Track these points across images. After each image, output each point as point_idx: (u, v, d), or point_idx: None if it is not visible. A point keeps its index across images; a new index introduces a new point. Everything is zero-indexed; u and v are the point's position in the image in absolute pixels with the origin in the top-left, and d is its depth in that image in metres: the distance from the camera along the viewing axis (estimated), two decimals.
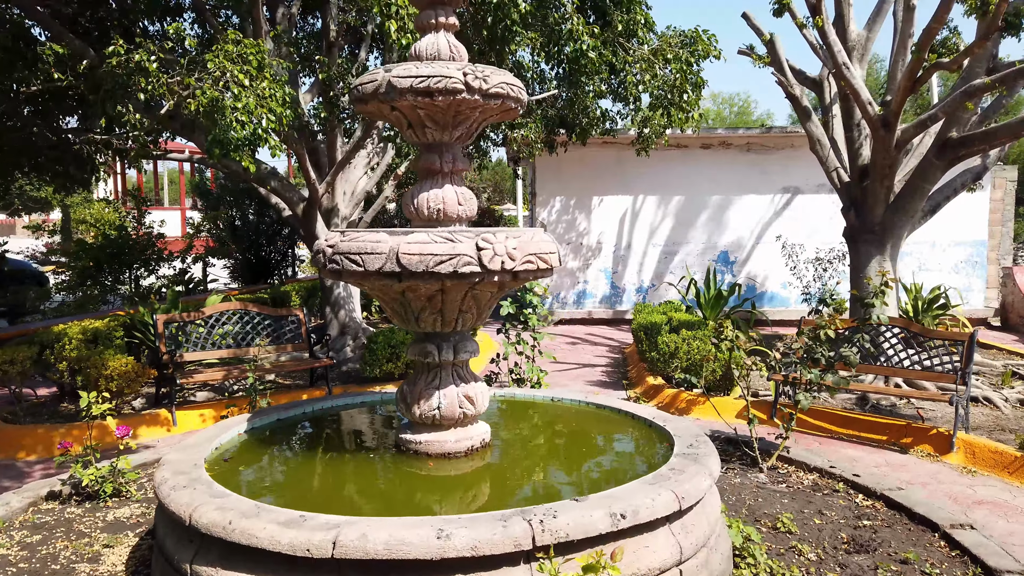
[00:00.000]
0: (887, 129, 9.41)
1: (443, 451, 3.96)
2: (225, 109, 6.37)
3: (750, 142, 15.80)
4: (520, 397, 5.27)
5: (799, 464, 5.67)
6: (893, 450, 7.53)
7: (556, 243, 3.94)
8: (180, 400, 8.69)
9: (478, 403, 4.08)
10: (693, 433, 4.15)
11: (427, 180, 4.00)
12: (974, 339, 7.65)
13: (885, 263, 10.21)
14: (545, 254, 3.75)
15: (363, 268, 3.53)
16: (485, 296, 3.88)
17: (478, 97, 3.70)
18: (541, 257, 3.72)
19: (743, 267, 16.10)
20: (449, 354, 3.99)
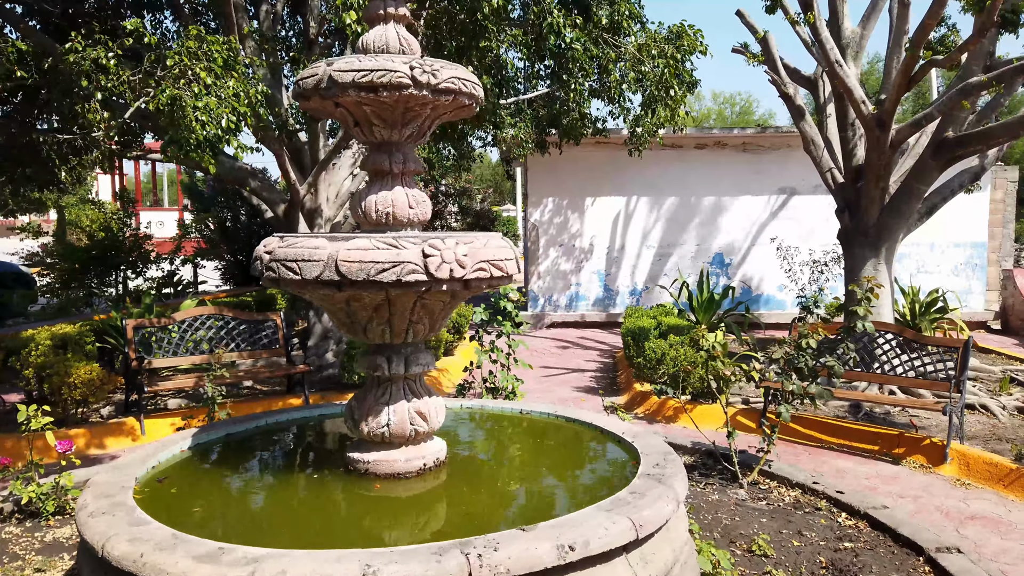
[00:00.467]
0: (881, 128, 9.16)
1: (392, 471, 3.70)
2: (185, 108, 6.13)
3: (746, 142, 15.53)
4: (489, 409, 5.01)
5: (781, 479, 5.41)
6: (885, 461, 7.27)
7: (513, 249, 3.69)
8: (151, 408, 8.45)
9: (432, 419, 3.83)
10: (661, 451, 3.89)
11: (376, 182, 3.75)
12: (969, 346, 7.38)
13: (880, 266, 9.94)
14: (499, 261, 3.50)
15: (300, 276, 3.28)
16: (437, 306, 3.62)
17: (427, 93, 3.44)
18: (495, 264, 3.47)
19: (738, 269, 15.83)
20: (400, 367, 3.73)
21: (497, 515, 3.39)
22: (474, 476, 3.92)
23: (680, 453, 6.13)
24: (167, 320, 8.37)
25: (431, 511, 3.41)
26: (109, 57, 6.44)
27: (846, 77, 9.11)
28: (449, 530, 3.22)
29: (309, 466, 3.88)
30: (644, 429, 4.36)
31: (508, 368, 6.36)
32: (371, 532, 3.19)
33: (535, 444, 4.48)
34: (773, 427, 5.29)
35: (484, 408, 5.03)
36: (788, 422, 5.21)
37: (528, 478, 3.87)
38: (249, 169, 10.54)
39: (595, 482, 3.79)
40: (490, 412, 4.99)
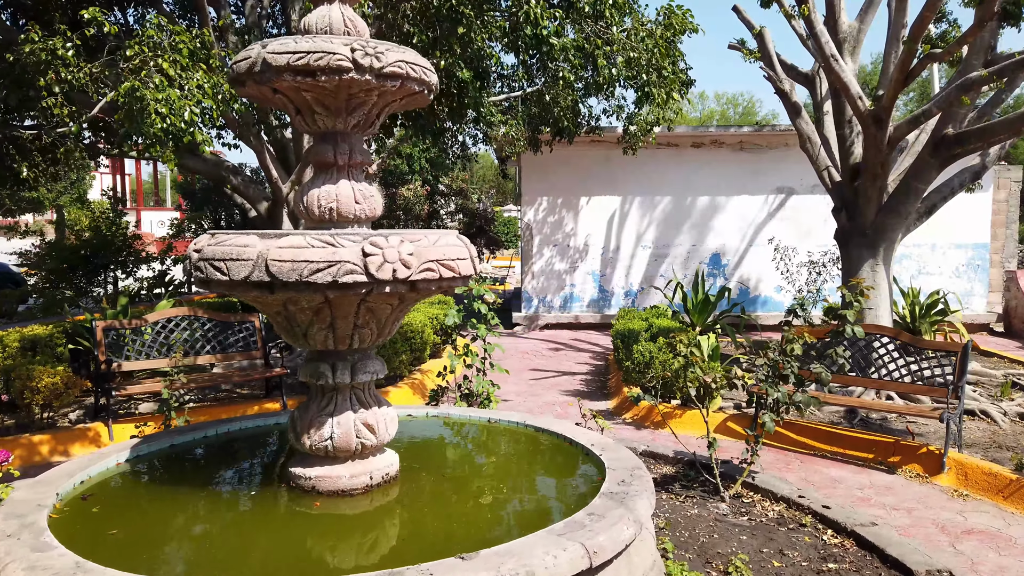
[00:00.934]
0: (878, 125, 8.86)
1: (336, 488, 3.43)
2: (144, 100, 5.86)
3: (743, 141, 15.23)
4: (455, 417, 4.74)
5: (765, 492, 5.12)
6: (880, 470, 6.98)
7: (469, 247, 3.42)
8: (122, 412, 8.20)
9: (380, 432, 3.55)
10: (629, 466, 3.61)
11: (321, 174, 3.48)
12: (968, 349, 7.09)
13: (878, 267, 9.65)
14: (451, 260, 3.22)
15: (228, 277, 3.01)
16: (384, 309, 3.35)
17: (370, 77, 3.17)
18: (445, 264, 3.20)
19: (735, 270, 15.54)
20: (345, 375, 3.46)
21: (442, 539, 3.12)
22: (426, 493, 3.65)
23: (661, 464, 5.85)
24: (140, 322, 8.11)
25: (372, 534, 3.14)
26: (67, 48, 6.19)
27: (842, 72, 8.82)
28: (389, 556, 2.95)
29: (251, 482, 3.60)
30: (615, 440, 4.08)
31: (484, 373, 6.09)
32: (303, 559, 2.92)
33: (498, 457, 4.21)
34: (757, 437, 5.00)
35: (451, 416, 4.75)
36: (772, 432, 4.93)
37: (484, 495, 3.59)
38: (229, 166, 10.31)
39: (555, 500, 3.51)
40: (456, 420, 4.72)
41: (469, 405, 5.92)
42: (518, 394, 9.97)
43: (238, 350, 8.56)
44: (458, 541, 3.05)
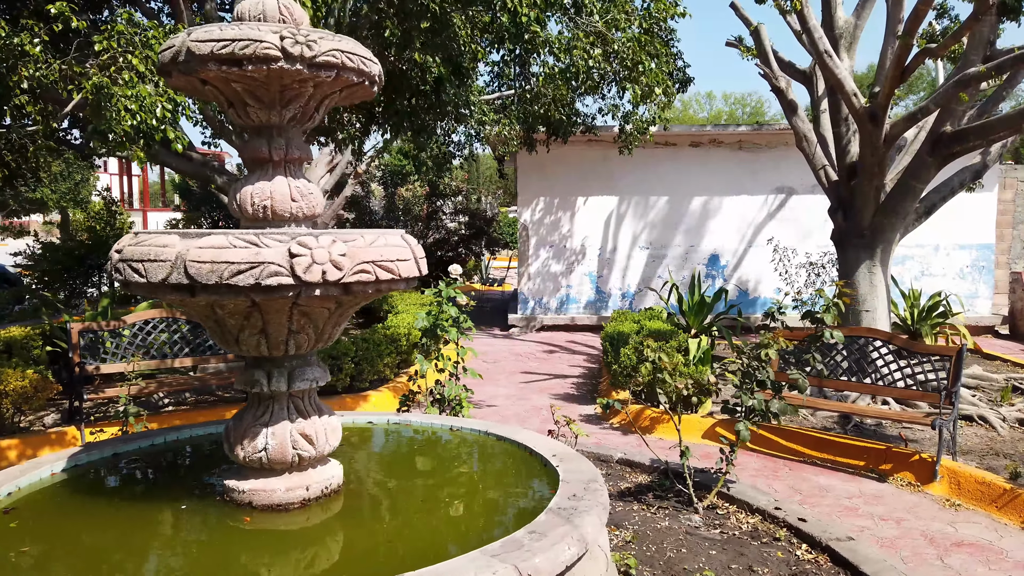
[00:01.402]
0: (874, 123, 8.64)
1: (270, 502, 3.26)
2: (112, 97, 5.71)
3: (742, 140, 15.00)
4: (416, 425, 4.56)
5: (741, 503, 4.91)
6: (871, 478, 6.76)
7: (414, 248, 3.23)
8: (100, 416, 8.06)
9: (319, 442, 3.37)
10: (585, 479, 3.42)
11: (255, 171, 3.30)
12: (962, 354, 6.86)
13: (875, 268, 9.42)
14: (389, 262, 3.04)
15: (146, 279, 2.83)
16: (321, 313, 3.17)
17: (302, 67, 2.99)
18: (383, 265, 3.01)
19: (734, 271, 15.30)
20: (282, 383, 3.28)
21: (374, 559, 2.94)
22: (368, 508, 3.47)
23: (637, 472, 5.65)
24: (118, 323, 7.96)
25: (301, 552, 2.95)
26: (35, 44, 6.04)
27: (835, 68, 8.61)
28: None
29: (187, 495, 3.42)
30: (579, 451, 3.89)
31: (457, 377, 5.91)
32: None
33: (452, 468, 4.02)
34: (732, 446, 4.80)
35: (412, 424, 4.57)
36: (746, 440, 4.72)
37: (429, 510, 3.40)
38: (213, 165, 10.16)
39: (502, 515, 3.32)
40: (418, 428, 4.54)
41: (441, 411, 5.74)
42: (507, 397, 9.79)
43: (217, 352, 8.41)
44: (390, 561, 2.87)
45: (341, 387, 8.73)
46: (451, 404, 5.66)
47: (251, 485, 3.29)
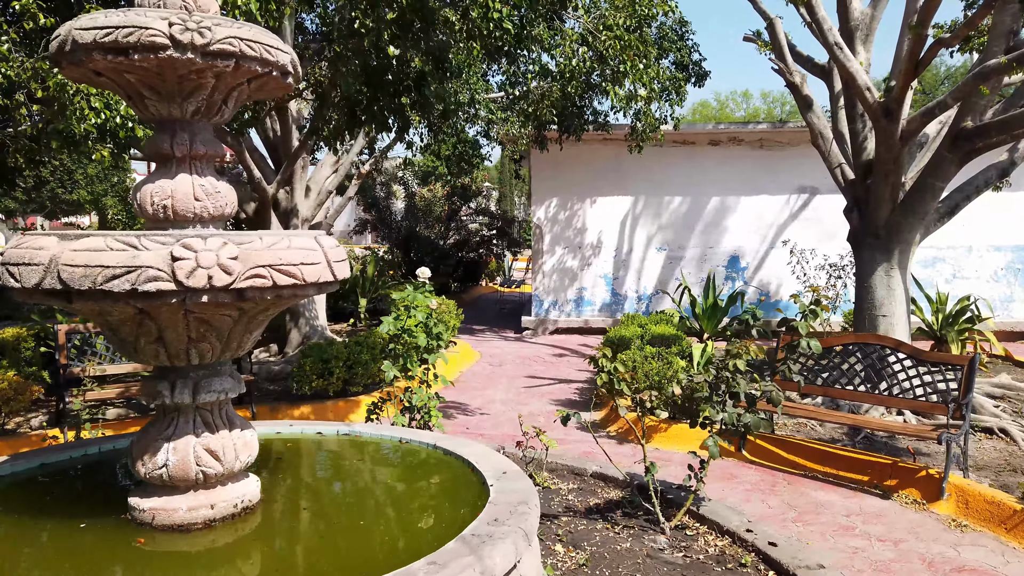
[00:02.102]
0: (889, 119, 8.23)
1: (171, 522, 3.04)
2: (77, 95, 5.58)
3: (763, 138, 14.54)
4: (365, 437, 4.32)
5: (712, 524, 4.58)
6: (874, 494, 6.37)
7: (327, 251, 2.99)
8: (87, 418, 7.97)
9: (227, 459, 3.14)
10: (516, 500, 3.16)
11: (159, 168, 3.10)
12: (975, 364, 6.44)
13: (893, 271, 8.98)
14: (290, 266, 2.80)
15: (20, 284, 2.64)
16: (223, 321, 2.95)
17: (194, 56, 2.77)
18: (283, 270, 2.78)
19: (754, 274, 14.84)
20: (186, 394, 3.07)
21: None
22: (278, 530, 3.24)
23: (610, 487, 5.35)
24: None
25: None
26: (2, 42, 5.94)
27: (847, 61, 8.20)
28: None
29: (93, 512, 3.23)
30: (519, 470, 3.62)
31: (428, 384, 5.66)
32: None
33: (385, 485, 3.78)
34: (702, 462, 4.47)
35: (361, 436, 4.34)
36: (716, 457, 4.39)
37: (341, 534, 3.16)
38: None
39: (416, 541, 3.06)
40: (366, 440, 4.30)
41: (410, 421, 5.50)
42: (504, 403, 9.53)
43: None
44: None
45: (333, 391, 8.56)
46: (420, 413, 5.42)
47: (152, 503, 3.08)
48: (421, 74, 6.44)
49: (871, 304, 8.99)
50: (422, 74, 6.43)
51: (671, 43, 12.79)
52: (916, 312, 11.65)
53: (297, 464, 3.96)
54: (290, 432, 4.39)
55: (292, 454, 4.08)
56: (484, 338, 14.76)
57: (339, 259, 3.10)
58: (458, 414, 8.98)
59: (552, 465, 5.62)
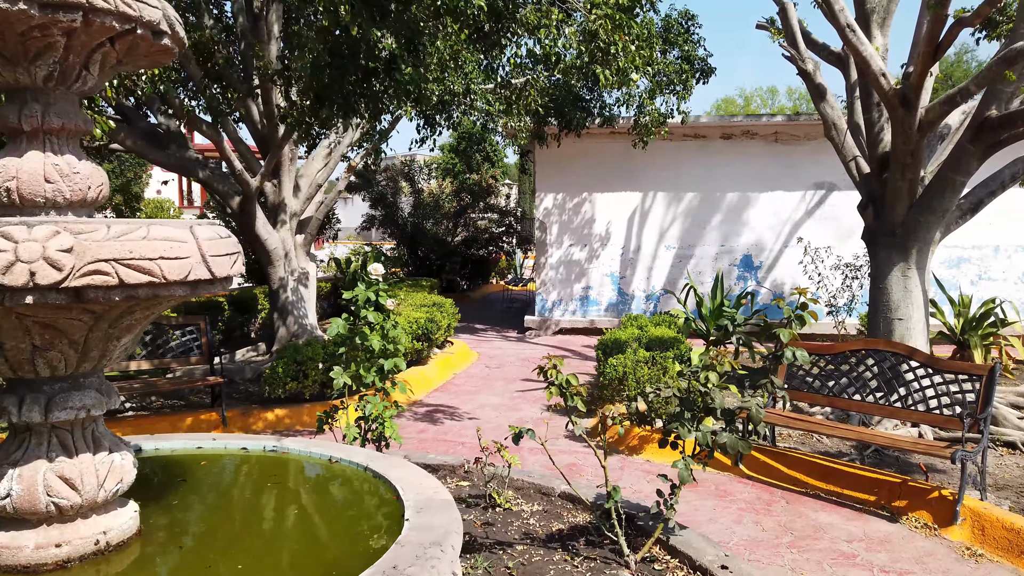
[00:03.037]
0: (906, 107, 7.62)
1: (16, 562, 2.59)
2: None
3: (778, 131, 13.90)
4: (293, 454, 3.86)
5: (684, 557, 4.04)
6: (881, 516, 5.80)
7: (202, 243, 2.52)
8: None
9: (87, 488, 2.68)
10: (427, 540, 2.67)
11: (8, 145, 2.65)
12: (995, 373, 5.84)
13: (909, 271, 8.37)
14: (147, 260, 2.33)
15: None
16: (75, 327, 2.48)
17: (28, 7, 2.31)
18: (133, 265, 2.31)
19: (769, 273, 14.20)
20: (35, 412, 2.61)
21: None
22: (143, 574, 2.77)
23: (577, 510, 4.82)
24: None
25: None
26: None
27: (860, 44, 7.60)
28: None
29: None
30: (447, 499, 3.13)
31: (385, 393, 5.18)
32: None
33: (289, 518, 3.31)
34: (673, 487, 3.95)
35: (288, 452, 3.88)
36: (688, 481, 3.87)
37: None
38: (195, 158, 9.66)
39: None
40: (293, 458, 3.84)
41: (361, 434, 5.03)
42: (495, 408, 9.04)
43: (175, 355, 7.89)
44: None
45: (309, 394, 8.12)
46: (373, 424, 4.94)
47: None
48: (392, 56, 5.97)
49: (886, 307, 8.39)
50: (392, 56, 5.96)
51: (676, 36, 12.20)
52: (937, 315, 11.00)
53: (201, 487, 3.50)
54: (212, 447, 3.94)
55: (202, 474, 3.63)
56: (485, 338, 14.28)
57: (219, 253, 2.62)
58: (445, 419, 8.52)
59: (519, 483, 5.12)
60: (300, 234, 10.90)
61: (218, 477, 3.66)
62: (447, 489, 3.31)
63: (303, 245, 10.95)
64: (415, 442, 7.51)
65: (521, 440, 3.88)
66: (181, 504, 3.28)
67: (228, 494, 3.55)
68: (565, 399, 3.91)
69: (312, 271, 11.09)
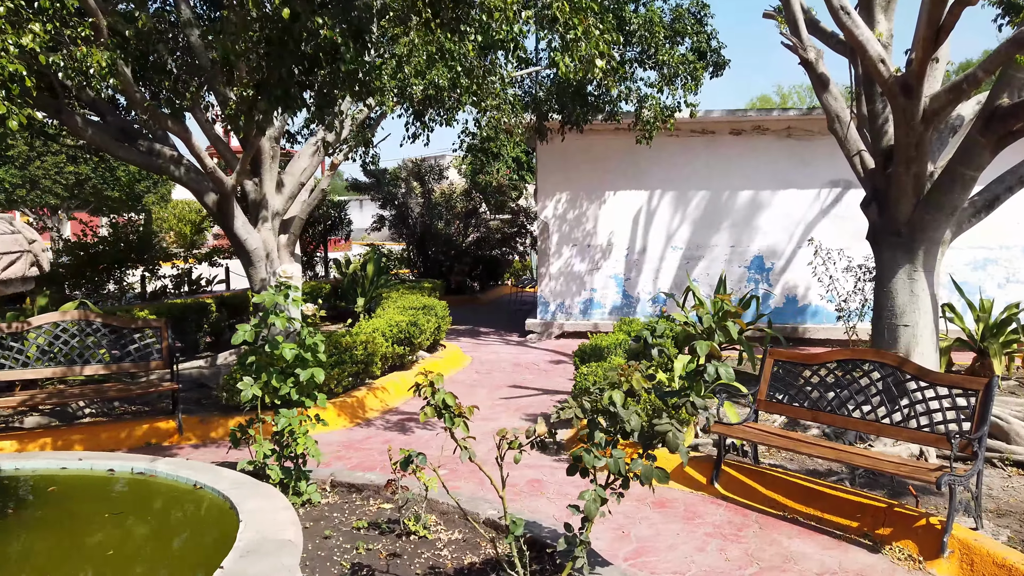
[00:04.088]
0: (908, 96, 7.03)
1: None
2: None
3: (790, 126, 13.23)
4: (160, 477, 3.47)
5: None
6: (862, 545, 5.25)
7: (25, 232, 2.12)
8: (1, 426, 7.37)
9: None
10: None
11: None
12: (992, 388, 5.25)
13: (916, 274, 7.76)
14: None
15: None
16: None
17: None
18: None
19: (781, 275, 13.54)
20: None
21: None
22: None
23: (501, 537, 4.34)
24: (20, 325, 7.25)
25: None
26: None
27: (855, 28, 7.03)
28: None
29: None
30: (285, 540, 2.70)
31: (303, 406, 4.76)
32: None
33: (100, 557, 2.90)
34: (584, 520, 3.46)
35: (156, 475, 3.49)
36: (596, 515, 3.38)
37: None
38: (169, 155, 9.37)
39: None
40: (154, 483, 3.44)
41: (283, 448, 4.62)
42: (478, 417, 8.58)
43: (134, 360, 7.59)
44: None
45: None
46: (293, 440, 4.53)
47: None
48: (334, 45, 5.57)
49: (891, 312, 7.79)
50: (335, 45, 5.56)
51: (686, 27, 11.64)
52: (955, 320, 10.31)
53: (28, 518, 3.12)
54: (77, 468, 3.57)
55: (38, 502, 3.25)
56: (484, 341, 13.84)
57: (21, 249, 2.22)
58: (416, 428, 8.12)
59: (444, 507, 4.68)
60: (284, 234, 10.57)
61: (54, 506, 3.29)
62: (361, 513, 2.87)
63: (287, 246, 10.62)
64: (377, 454, 7.11)
65: (411, 464, 3.44)
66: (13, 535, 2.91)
67: (52, 528, 3.17)
68: (445, 421, 3.46)
69: (297, 272, 10.75)
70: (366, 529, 4.37)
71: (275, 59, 5.56)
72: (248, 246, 9.95)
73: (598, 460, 3.20)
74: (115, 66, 6.67)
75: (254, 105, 5.96)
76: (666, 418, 3.23)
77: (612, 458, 3.25)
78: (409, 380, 9.82)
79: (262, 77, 5.75)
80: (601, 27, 5.90)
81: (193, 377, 9.29)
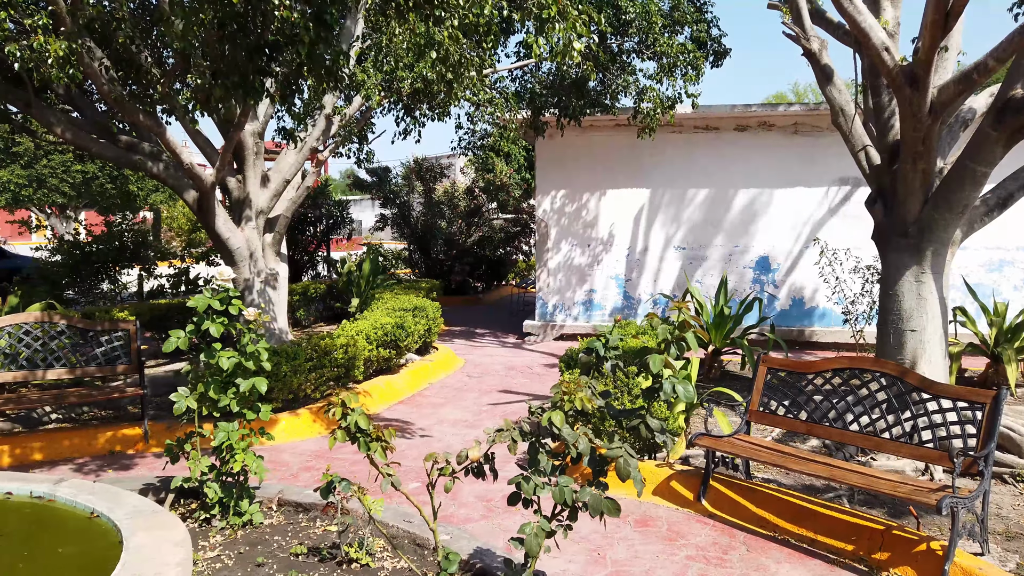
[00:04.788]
0: (914, 87, 6.60)
1: None
2: None
3: (798, 122, 12.77)
4: (59, 502, 3.12)
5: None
6: (857, 571, 4.85)
7: None
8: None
9: None
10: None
11: None
12: (1000, 401, 4.82)
13: (924, 276, 7.33)
14: None
15: None
16: None
17: None
18: None
19: (787, 276, 13.07)
20: None
21: None
22: None
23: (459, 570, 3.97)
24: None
25: None
26: None
27: (857, 14, 6.61)
28: None
29: None
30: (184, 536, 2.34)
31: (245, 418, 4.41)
32: None
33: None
34: (527, 556, 3.08)
35: (55, 500, 3.15)
36: (537, 552, 2.99)
37: None
38: (147, 151, 9.06)
39: None
40: (53, 508, 3.10)
41: (222, 464, 4.28)
42: (455, 423, 8.23)
43: (100, 363, 7.28)
44: None
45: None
46: (230, 456, 4.18)
47: None
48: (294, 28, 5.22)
49: (897, 316, 7.36)
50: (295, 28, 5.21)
51: (685, 15, 11.23)
52: (968, 324, 9.85)
53: None
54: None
55: None
56: (480, 343, 13.47)
57: None
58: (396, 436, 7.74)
59: (394, 530, 4.30)
60: (269, 232, 10.25)
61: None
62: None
63: (272, 244, 10.29)
64: (350, 464, 6.75)
65: (334, 491, 3.08)
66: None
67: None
68: (360, 447, 3.09)
69: (283, 272, 10.43)
70: (305, 556, 4.00)
71: (231, 43, 5.22)
72: (231, 245, 9.63)
73: (541, 489, 2.82)
74: (76, 56, 6.35)
75: (211, 93, 5.62)
76: (618, 441, 2.84)
77: (558, 487, 2.86)
78: (396, 385, 9.48)
79: (218, 65, 5.41)
80: (580, 7, 5.51)
81: (169, 380, 8.99)
